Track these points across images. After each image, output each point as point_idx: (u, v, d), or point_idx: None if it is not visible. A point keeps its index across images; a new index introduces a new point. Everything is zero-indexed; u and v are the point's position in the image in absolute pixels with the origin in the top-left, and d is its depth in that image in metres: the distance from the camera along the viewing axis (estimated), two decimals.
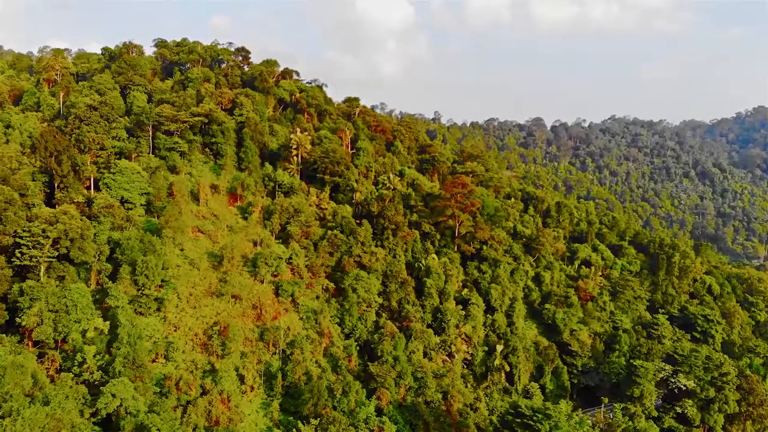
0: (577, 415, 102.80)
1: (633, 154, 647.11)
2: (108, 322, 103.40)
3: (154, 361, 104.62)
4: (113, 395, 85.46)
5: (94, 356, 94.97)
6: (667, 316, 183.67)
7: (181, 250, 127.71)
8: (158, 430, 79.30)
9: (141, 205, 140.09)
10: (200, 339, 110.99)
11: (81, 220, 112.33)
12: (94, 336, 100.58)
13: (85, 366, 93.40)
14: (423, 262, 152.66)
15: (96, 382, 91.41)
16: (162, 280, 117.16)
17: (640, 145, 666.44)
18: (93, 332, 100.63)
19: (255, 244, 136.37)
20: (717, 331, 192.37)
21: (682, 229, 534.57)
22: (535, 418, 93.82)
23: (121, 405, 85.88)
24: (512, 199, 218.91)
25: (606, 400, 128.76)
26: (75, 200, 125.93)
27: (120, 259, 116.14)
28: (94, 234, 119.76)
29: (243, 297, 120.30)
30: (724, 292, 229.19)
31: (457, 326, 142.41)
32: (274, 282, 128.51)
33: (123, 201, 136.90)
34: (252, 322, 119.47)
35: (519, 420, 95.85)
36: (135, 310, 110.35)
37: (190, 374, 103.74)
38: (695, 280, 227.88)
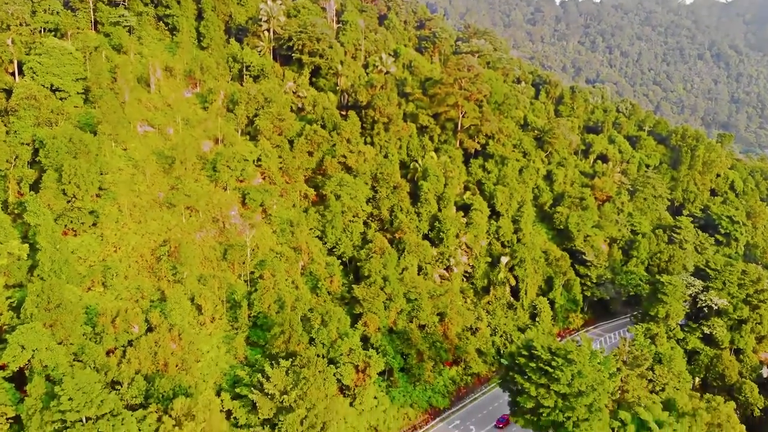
0: (601, 353, 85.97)
1: (646, 33, 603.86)
2: (27, 245, 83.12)
3: (89, 289, 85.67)
4: (23, 347, 66.84)
5: (3, 291, 75.59)
6: (691, 219, 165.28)
7: (124, 149, 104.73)
8: (78, 389, 60.85)
9: (78, 93, 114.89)
10: (147, 261, 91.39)
11: None
12: (8, 264, 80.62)
13: None
14: (420, 162, 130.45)
15: (5, 327, 72.58)
16: (99, 188, 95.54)
17: (654, 23, 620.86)
18: (6, 258, 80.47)
19: (216, 141, 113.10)
20: (741, 234, 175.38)
21: (694, 114, 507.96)
22: (554, 363, 76.44)
23: (33, 357, 67.55)
24: (522, 84, 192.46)
25: (630, 328, 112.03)
26: None
27: (44, 163, 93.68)
28: (13, 132, 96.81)
29: (200, 208, 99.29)
30: (748, 189, 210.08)
31: (457, 236, 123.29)
32: (240, 189, 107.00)
33: (54, 89, 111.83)
34: (213, 239, 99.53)
35: (533, 364, 78.57)
36: (65, 226, 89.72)
37: (135, 304, 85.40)
38: (718, 176, 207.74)
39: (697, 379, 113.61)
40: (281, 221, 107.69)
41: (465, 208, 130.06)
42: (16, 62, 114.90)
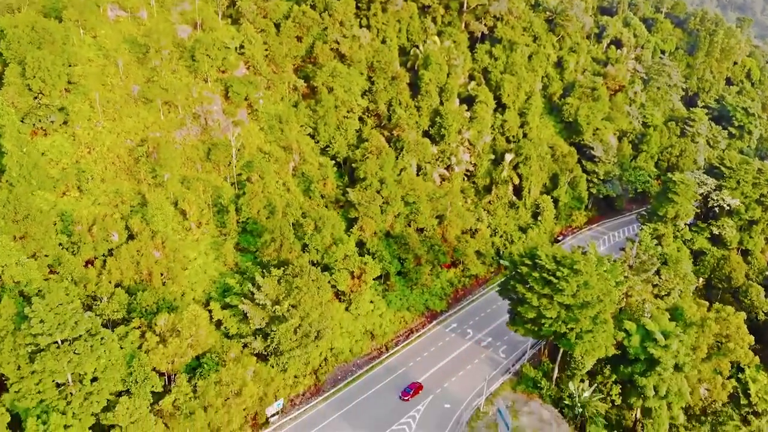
0: (608, 259, 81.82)
1: None
2: None
3: (64, 194, 79.44)
4: None
5: None
6: (705, 111, 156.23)
7: (94, 37, 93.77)
8: (49, 311, 56.53)
9: None
10: (124, 163, 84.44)
11: None
12: None
13: None
14: (421, 47, 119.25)
15: None
16: (68, 82, 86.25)
17: None
18: None
19: (195, 26, 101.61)
20: (756, 126, 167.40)
21: None
22: (558, 273, 72.33)
23: (3, 273, 62.83)
24: None
25: (640, 232, 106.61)
26: None
27: (6, 56, 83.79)
28: None
29: (179, 103, 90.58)
30: (765, 78, 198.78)
31: (459, 132, 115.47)
32: (222, 80, 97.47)
33: None
34: (195, 137, 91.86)
35: (536, 274, 74.57)
36: (33, 126, 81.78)
37: (114, 210, 79.76)
38: (735, 63, 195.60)
39: (701, 280, 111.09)
40: (269, 117, 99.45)
41: (469, 101, 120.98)
42: None
